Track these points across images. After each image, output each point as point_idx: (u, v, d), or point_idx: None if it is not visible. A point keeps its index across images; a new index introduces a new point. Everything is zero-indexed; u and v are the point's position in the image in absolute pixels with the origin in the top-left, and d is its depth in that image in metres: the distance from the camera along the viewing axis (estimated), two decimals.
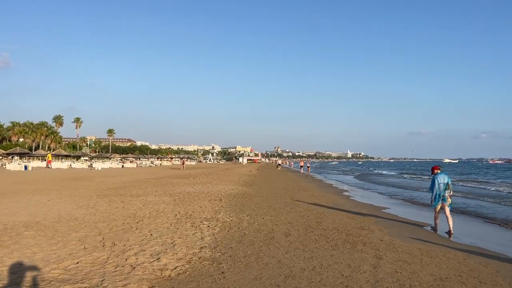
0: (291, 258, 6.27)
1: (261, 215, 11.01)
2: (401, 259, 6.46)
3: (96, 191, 17.43)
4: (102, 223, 9.13)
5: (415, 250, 7.22)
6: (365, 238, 8.18)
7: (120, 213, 10.80)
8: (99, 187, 20.14)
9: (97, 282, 4.84)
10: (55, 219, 9.52)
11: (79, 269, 5.41)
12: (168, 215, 10.58)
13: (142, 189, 18.89)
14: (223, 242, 7.32)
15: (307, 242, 7.53)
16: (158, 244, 7.00)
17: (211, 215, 10.75)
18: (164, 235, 7.86)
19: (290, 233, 8.38)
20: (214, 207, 12.49)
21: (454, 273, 5.72)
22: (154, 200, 14.19)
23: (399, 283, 5.12)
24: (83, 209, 11.39)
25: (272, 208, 12.71)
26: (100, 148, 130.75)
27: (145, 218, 9.90)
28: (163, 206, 12.36)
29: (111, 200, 13.84)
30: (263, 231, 8.54)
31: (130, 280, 4.93)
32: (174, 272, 5.37)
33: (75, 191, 17.21)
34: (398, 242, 7.87)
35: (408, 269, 5.82)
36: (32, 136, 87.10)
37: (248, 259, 6.15)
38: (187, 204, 12.98)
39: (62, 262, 5.70)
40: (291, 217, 10.81)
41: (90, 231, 8.14)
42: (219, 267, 5.69)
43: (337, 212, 12.24)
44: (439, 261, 6.41)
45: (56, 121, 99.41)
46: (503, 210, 15.07)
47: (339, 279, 5.22)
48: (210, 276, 5.23)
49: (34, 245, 6.80)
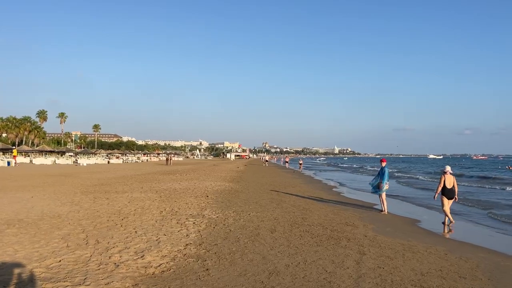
0: (275, 255, 6.31)
1: (247, 211, 11.04)
2: (384, 254, 6.56)
3: (80, 188, 17.22)
4: (86, 220, 9.04)
5: (398, 245, 7.33)
6: (349, 234, 8.27)
7: (104, 210, 10.70)
8: (84, 183, 19.91)
9: (80, 280, 4.80)
10: (38, 217, 9.39)
11: (61, 267, 5.35)
12: (154, 212, 10.53)
13: (127, 186, 18.74)
14: (209, 239, 7.32)
15: (292, 238, 7.58)
16: (142, 242, 6.96)
17: (197, 211, 10.73)
18: (149, 232, 7.83)
19: (275, 230, 8.43)
20: (200, 203, 12.46)
21: (435, 268, 5.83)
22: (140, 196, 14.09)
23: (381, 278, 5.20)
24: (67, 206, 11.25)
25: (259, 204, 12.74)
26: (86, 143, 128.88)
27: (130, 215, 9.83)
28: (149, 203, 12.29)
29: (96, 197, 13.70)
30: (248, 228, 8.57)
31: (113, 278, 4.90)
32: (158, 270, 5.35)
33: (59, 188, 16.98)
34: (382, 238, 7.98)
35: (390, 264, 5.91)
36: (15, 132, 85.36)
37: (233, 256, 6.16)
38: (173, 201, 12.93)
39: (44, 261, 5.63)
40: (277, 213, 10.86)
41: (74, 228, 8.05)
42: (204, 264, 5.69)
43: (323, 208, 12.34)
44: (420, 256, 6.52)
45: (40, 116, 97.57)
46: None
47: (322, 275, 5.28)
48: (194, 273, 5.24)
49: (16, 243, 6.70)
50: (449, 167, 10.60)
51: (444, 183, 10.23)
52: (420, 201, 16.42)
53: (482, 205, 14.84)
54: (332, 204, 13.65)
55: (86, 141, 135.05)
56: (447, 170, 10.34)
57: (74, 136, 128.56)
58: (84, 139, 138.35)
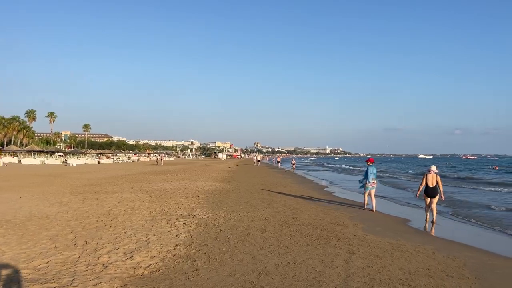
0: (265, 254, 6.33)
1: (238, 211, 11.03)
2: (373, 253, 6.61)
3: (70, 188, 17.06)
4: (75, 221, 8.95)
5: (387, 244, 7.40)
6: (339, 233, 8.32)
7: (94, 210, 10.62)
8: (73, 183, 19.73)
9: (67, 281, 4.76)
10: (26, 217, 9.28)
11: (49, 268, 5.30)
12: (144, 212, 10.47)
13: (118, 186, 18.61)
14: (199, 239, 7.31)
15: (282, 238, 7.60)
16: (132, 242, 6.93)
17: (187, 212, 10.69)
18: (138, 232, 7.78)
19: (266, 229, 8.44)
20: (191, 203, 12.43)
21: (422, 267, 5.90)
22: (130, 197, 14.01)
23: (370, 277, 5.24)
24: (56, 207, 11.13)
25: (250, 204, 12.75)
26: (76, 143, 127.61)
27: (119, 216, 9.77)
28: (139, 203, 12.22)
29: (85, 197, 13.58)
30: (239, 228, 8.57)
31: (102, 279, 4.87)
32: (147, 270, 5.33)
33: (48, 188, 16.80)
34: (371, 237, 8.04)
35: (379, 264, 5.96)
36: (4, 131, 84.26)
37: (222, 256, 6.16)
38: (164, 201, 12.87)
39: (31, 262, 5.58)
40: (267, 213, 10.88)
41: (62, 229, 7.97)
42: (193, 264, 5.68)
43: (313, 208, 12.39)
44: (409, 255, 6.59)
45: (29, 115, 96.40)
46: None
47: (311, 274, 5.30)
48: (183, 274, 5.22)
49: (3, 244, 6.62)
50: (435, 166, 10.86)
51: (426, 182, 10.55)
52: (402, 200, 16.55)
53: (453, 204, 14.93)
54: (323, 204, 13.71)
55: (76, 141, 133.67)
56: (432, 170, 10.59)
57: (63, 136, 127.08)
58: (74, 139, 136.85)
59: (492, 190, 22.84)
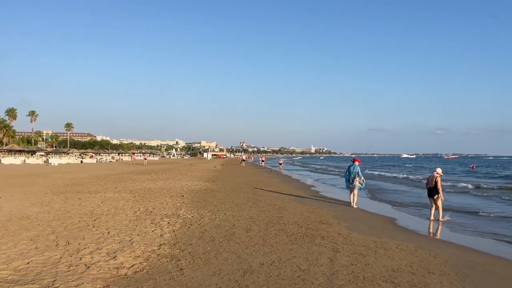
0: (250, 253, 6.32)
1: (223, 210, 11.00)
2: (357, 251, 6.68)
3: (51, 188, 16.75)
4: (57, 221, 8.79)
5: (371, 242, 7.48)
6: (323, 232, 8.38)
7: (76, 210, 10.44)
8: (55, 183, 19.37)
9: (48, 282, 4.67)
10: (6, 218, 9.07)
11: (29, 269, 5.19)
12: (128, 212, 10.35)
13: (101, 186, 18.35)
14: (183, 239, 7.26)
15: (267, 237, 7.61)
16: (115, 242, 6.84)
17: (172, 211, 10.61)
18: (122, 232, 7.69)
19: (251, 228, 8.44)
20: (176, 203, 12.34)
21: (405, 264, 5.99)
22: (113, 196, 13.83)
23: (354, 275, 5.29)
24: (37, 207, 10.91)
25: (235, 203, 12.73)
26: (58, 142, 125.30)
27: (103, 216, 9.63)
28: (123, 203, 12.07)
29: (67, 197, 13.35)
30: (224, 227, 8.55)
31: (84, 280, 4.79)
32: (130, 270, 5.27)
33: (29, 188, 16.45)
34: (355, 236, 8.12)
35: (363, 261, 6.02)
36: None
37: (207, 255, 6.13)
38: (148, 201, 12.75)
39: (11, 263, 5.45)
40: (253, 212, 10.88)
41: (43, 229, 7.81)
42: (178, 264, 5.64)
43: (299, 207, 12.45)
44: (392, 253, 6.68)
45: (9, 114, 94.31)
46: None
47: (296, 273, 5.32)
48: (168, 273, 5.18)
49: None
50: (440, 169, 11.46)
51: (427, 183, 11.57)
52: (394, 201, 16.79)
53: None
54: (308, 203, 13.78)
55: (58, 140, 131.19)
56: (436, 171, 11.27)
57: (45, 135, 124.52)
58: (56, 138, 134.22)
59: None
